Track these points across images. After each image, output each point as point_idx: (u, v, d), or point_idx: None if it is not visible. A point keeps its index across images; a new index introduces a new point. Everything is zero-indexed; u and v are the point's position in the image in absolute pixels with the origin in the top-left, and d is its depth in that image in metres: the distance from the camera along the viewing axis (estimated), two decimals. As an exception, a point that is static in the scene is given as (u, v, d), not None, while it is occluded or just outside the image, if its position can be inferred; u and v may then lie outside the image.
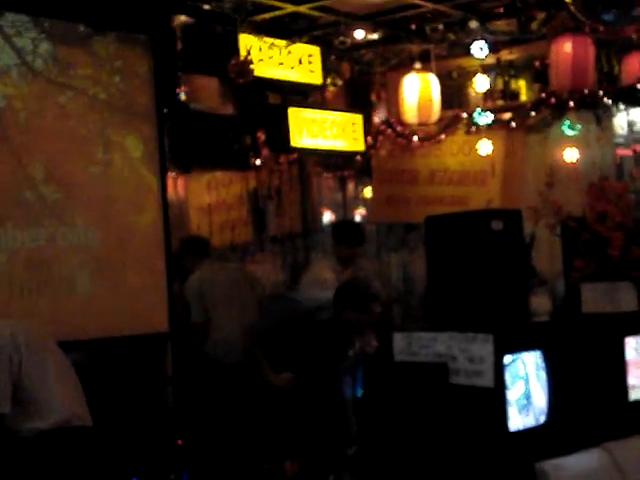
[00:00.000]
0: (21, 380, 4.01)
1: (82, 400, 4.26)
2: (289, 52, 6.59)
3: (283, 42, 6.52)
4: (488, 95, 7.14)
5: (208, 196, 6.91)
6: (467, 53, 6.89)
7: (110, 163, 5.82)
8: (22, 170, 5.42)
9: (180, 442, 5.34)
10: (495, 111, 6.88)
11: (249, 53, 5.95)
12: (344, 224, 6.87)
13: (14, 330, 4.12)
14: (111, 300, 5.75)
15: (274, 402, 5.33)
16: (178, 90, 6.19)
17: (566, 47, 6.34)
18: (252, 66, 5.82)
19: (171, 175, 6.41)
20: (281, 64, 6.42)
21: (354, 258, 6.02)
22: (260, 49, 6.25)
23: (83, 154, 5.69)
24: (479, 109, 6.79)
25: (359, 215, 7.92)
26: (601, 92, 6.59)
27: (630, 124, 7.03)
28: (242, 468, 5.51)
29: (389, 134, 7.18)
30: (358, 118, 7.10)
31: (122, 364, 5.96)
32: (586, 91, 6.41)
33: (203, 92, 6.71)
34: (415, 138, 7.07)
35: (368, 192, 7.73)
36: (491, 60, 7.10)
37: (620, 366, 4.60)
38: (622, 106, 6.88)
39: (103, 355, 5.94)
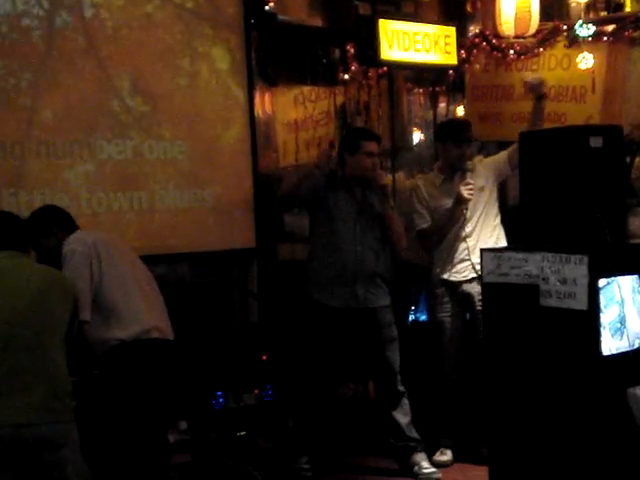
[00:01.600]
0: (102, 290, 4.05)
1: (164, 313, 4.29)
2: (382, -40, 6.36)
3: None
4: (590, 6, 6.77)
5: (295, 111, 6.77)
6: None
7: (197, 75, 5.77)
8: (109, 81, 5.41)
9: (264, 357, 5.34)
10: (597, 23, 6.52)
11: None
12: (450, 121, 6.41)
13: (96, 240, 4.15)
14: (197, 215, 5.75)
15: (359, 326, 5.26)
16: (266, 0, 6.02)
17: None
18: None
19: (258, 89, 6.29)
20: (370, -27, 6.21)
21: (463, 160, 5.48)
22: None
23: (170, 65, 5.66)
24: (580, 21, 6.44)
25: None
26: None
27: None
28: (326, 387, 5.50)
29: (484, 47, 6.88)
30: (451, 30, 6.82)
31: (208, 279, 5.99)
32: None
33: (292, 3, 6.53)
34: (511, 52, 6.76)
35: (461, 109, 7.49)
36: (595, -30, 6.73)
37: None
38: None
39: (189, 270, 5.98)
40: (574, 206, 4.19)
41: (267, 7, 5.96)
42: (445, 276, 5.56)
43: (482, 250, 4.62)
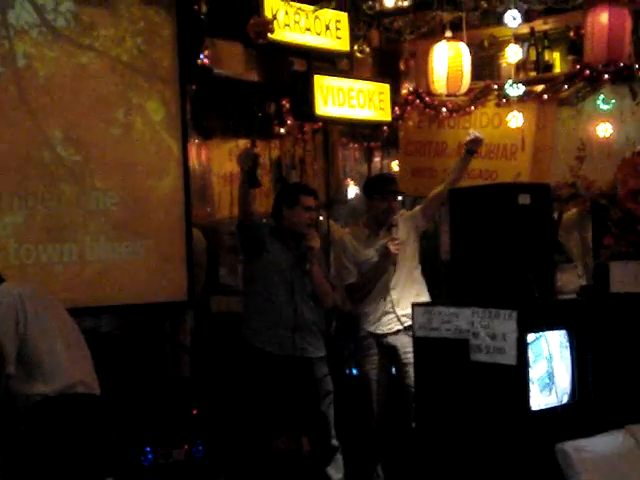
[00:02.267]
0: (26, 343, 3.98)
1: (90, 368, 4.22)
2: (316, 18, 6.43)
3: (310, 7, 6.37)
4: (520, 66, 6.94)
5: (230, 164, 6.78)
6: (500, 22, 6.71)
7: (131, 126, 5.73)
8: (40, 131, 5.34)
9: (195, 412, 5.27)
10: (527, 83, 6.69)
11: (274, 17, 5.80)
12: (377, 176, 6.60)
13: (22, 292, 4.08)
14: (129, 267, 5.68)
15: (294, 375, 5.24)
16: (201, 54, 6.05)
17: (602, 17, 6.13)
18: (271, 26, 5.67)
19: (193, 142, 6.30)
20: (308, 30, 6.26)
21: (389, 214, 5.61)
22: (286, 13, 6.10)
23: (103, 116, 5.61)
24: (510, 80, 6.60)
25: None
26: (637, 65, 6.37)
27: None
28: (257, 441, 5.44)
29: (417, 104, 7.00)
30: (386, 87, 6.93)
31: (139, 332, 5.92)
32: (622, 64, 6.20)
33: (227, 57, 6.57)
34: (444, 109, 6.89)
35: (394, 164, 7.58)
36: (524, 30, 6.91)
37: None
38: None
39: (119, 322, 5.90)
40: (503, 262, 4.26)
41: (202, 61, 5.97)
42: (371, 328, 5.63)
43: (413, 304, 4.67)
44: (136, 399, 5.20)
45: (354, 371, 6.36)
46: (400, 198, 6.22)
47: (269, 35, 5.69)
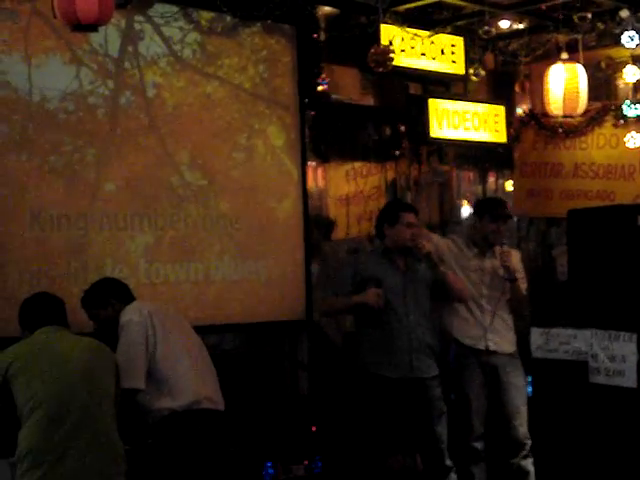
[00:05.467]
0: (155, 359, 4.15)
1: (215, 384, 4.36)
2: (432, 42, 6.54)
3: (426, 32, 6.47)
4: (638, 87, 6.88)
5: (347, 186, 6.92)
6: (617, 43, 6.65)
7: (253, 150, 5.94)
8: (168, 157, 5.60)
9: (314, 428, 5.39)
10: (645, 103, 6.64)
11: (390, 43, 5.92)
12: (489, 198, 6.54)
13: (152, 310, 4.28)
14: (250, 286, 5.87)
15: (408, 395, 5.29)
16: (320, 80, 6.22)
17: None
18: (392, 55, 5.79)
19: (311, 164, 6.46)
20: (423, 54, 6.37)
21: (498, 236, 5.49)
22: (402, 39, 6.23)
23: (227, 142, 5.83)
24: (628, 101, 6.56)
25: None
26: None
27: None
28: (374, 458, 5.51)
29: (533, 126, 7.02)
30: (500, 109, 6.98)
31: (259, 350, 6.08)
32: None
33: (344, 82, 6.73)
34: (560, 130, 6.88)
35: (509, 185, 7.59)
36: (643, 50, 6.85)
37: None
38: None
39: (241, 340, 6.08)
40: (622, 283, 4.24)
41: (321, 87, 6.14)
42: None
43: (531, 326, 4.68)
44: (257, 415, 5.33)
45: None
46: (515, 219, 6.18)
47: (389, 63, 5.80)
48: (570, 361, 4.26)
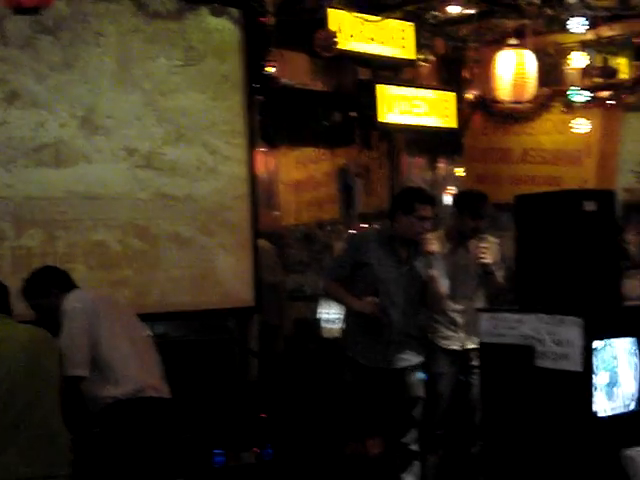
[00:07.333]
0: (98, 346, 4.09)
1: (159, 372, 4.32)
2: (381, 28, 6.52)
3: (376, 18, 6.45)
4: (586, 73, 6.93)
5: (297, 172, 6.90)
6: (564, 29, 6.69)
7: (201, 136, 5.86)
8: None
9: (264, 415, 5.36)
10: (592, 89, 6.68)
11: (339, 29, 5.90)
12: (471, 193, 6.16)
13: (94, 298, 4.22)
14: (198, 273, 5.81)
15: (380, 383, 5.27)
16: (269, 65, 6.17)
17: (668, 23, 6.11)
18: (336, 39, 5.77)
19: (260, 150, 6.42)
20: (372, 39, 6.35)
21: (476, 233, 5.46)
22: (351, 24, 6.20)
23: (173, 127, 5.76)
24: (575, 87, 6.60)
25: (449, 194, 7.81)
26: None
27: None
28: (326, 445, 5.51)
29: (482, 112, 7.04)
30: (451, 95, 6.98)
31: (208, 337, 6.03)
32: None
33: (295, 68, 6.69)
34: (509, 116, 6.91)
35: (459, 171, 7.62)
36: (590, 37, 6.89)
37: None
38: None
39: (188, 328, 6.03)
40: (569, 268, 4.26)
41: (269, 71, 6.09)
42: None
43: (479, 310, 4.69)
44: (206, 403, 5.29)
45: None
46: None
47: (334, 48, 5.77)
48: (517, 345, 4.28)
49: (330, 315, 6.45)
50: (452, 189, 7.77)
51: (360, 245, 5.20)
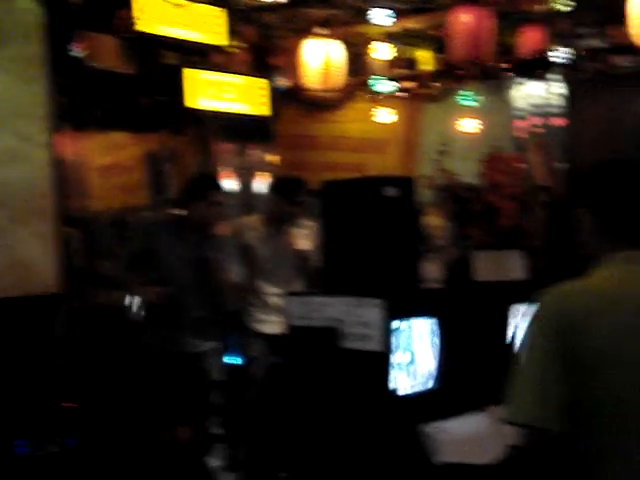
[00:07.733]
0: None
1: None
2: (193, 13, 6.47)
3: (185, 2, 6.40)
4: (391, 63, 7.15)
5: (105, 157, 6.75)
6: (370, 20, 6.87)
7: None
8: None
9: (67, 404, 5.24)
10: (396, 80, 6.90)
11: (143, 12, 5.81)
12: (287, 179, 6.28)
13: None
14: None
15: (176, 369, 5.25)
16: (74, 46, 6.00)
17: (464, 18, 6.37)
18: (133, 21, 5.69)
19: (64, 133, 6.24)
20: (182, 24, 6.30)
21: (292, 219, 5.64)
22: (160, 8, 6.12)
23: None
24: (378, 77, 6.80)
25: (261, 180, 7.87)
26: (501, 65, 6.65)
27: (528, 96, 7.14)
28: (135, 435, 5.45)
29: (292, 99, 7.13)
30: (265, 82, 7.03)
31: (10, 326, 5.83)
32: (486, 63, 6.46)
33: (102, 50, 6.54)
34: (317, 104, 7.03)
35: (270, 157, 7.68)
36: (396, 29, 7.10)
37: (506, 333, 4.68)
38: (521, 79, 6.98)
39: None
40: (371, 252, 4.38)
41: (74, 53, 5.93)
42: None
43: (287, 294, 4.76)
44: (7, 393, 5.12)
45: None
46: None
47: (135, 29, 5.68)
48: (323, 328, 4.36)
49: (134, 302, 6.39)
50: (264, 175, 7.84)
51: (148, 232, 5.20)
